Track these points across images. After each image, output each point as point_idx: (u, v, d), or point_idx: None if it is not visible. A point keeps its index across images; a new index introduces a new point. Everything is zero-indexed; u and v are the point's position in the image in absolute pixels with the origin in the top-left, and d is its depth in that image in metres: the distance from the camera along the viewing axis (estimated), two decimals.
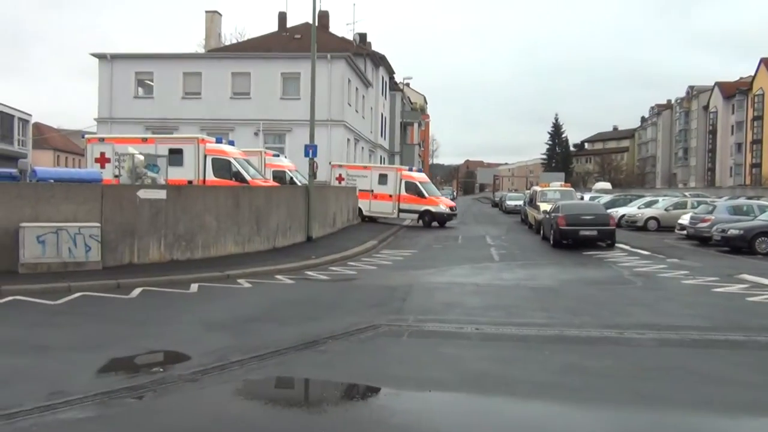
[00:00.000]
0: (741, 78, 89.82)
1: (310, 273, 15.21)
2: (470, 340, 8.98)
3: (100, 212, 14.24)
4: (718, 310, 11.23)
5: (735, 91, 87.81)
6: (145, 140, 22.84)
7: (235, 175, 21.44)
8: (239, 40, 52.92)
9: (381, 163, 51.99)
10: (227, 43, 50.23)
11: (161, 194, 15.52)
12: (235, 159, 21.93)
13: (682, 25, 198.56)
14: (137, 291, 12.06)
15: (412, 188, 31.79)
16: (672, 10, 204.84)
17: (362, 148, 43.04)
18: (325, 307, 11.22)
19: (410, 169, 35.11)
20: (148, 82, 37.50)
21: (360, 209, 31.68)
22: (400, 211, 32.10)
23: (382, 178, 32.36)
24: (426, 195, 31.81)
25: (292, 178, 26.62)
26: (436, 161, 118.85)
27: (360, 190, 31.67)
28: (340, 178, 32.16)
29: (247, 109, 35.42)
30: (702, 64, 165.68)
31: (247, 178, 21.40)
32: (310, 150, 21.35)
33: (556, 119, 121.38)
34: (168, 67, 36.61)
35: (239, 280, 13.61)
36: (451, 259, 18.62)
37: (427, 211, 31.89)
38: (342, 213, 27.69)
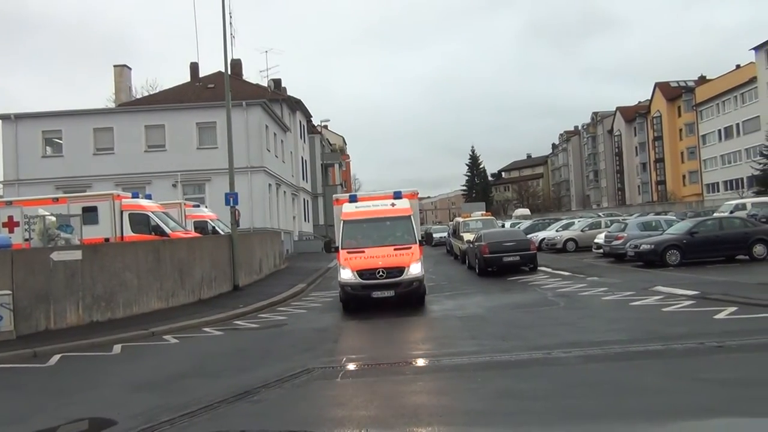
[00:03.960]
0: (639, 102, 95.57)
1: (239, 322, 14.92)
2: (404, 375, 9.03)
3: (11, 279, 13.54)
4: (636, 323, 11.74)
5: (635, 115, 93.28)
6: (56, 200, 21.99)
7: (154, 229, 20.91)
8: (151, 93, 52.10)
9: (305, 207, 51.94)
10: (138, 96, 49.35)
11: (76, 255, 14.94)
12: (153, 213, 21.41)
13: (578, 56, 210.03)
14: (56, 358, 11.48)
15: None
16: (566, 43, 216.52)
17: (284, 192, 42.88)
18: (256, 356, 11.02)
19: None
20: (57, 140, 36.24)
21: None
22: None
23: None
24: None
25: (214, 227, 26.18)
26: None
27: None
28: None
29: (163, 161, 34.72)
30: (603, 91, 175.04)
31: (167, 231, 20.91)
32: (231, 198, 21.12)
33: (473, 151, 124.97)
34: (77, 124, 35.53)
35: (165, 337, 13.19)
36: None
37: None
38: (268, 259, 27.37)
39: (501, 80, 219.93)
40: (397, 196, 17.26)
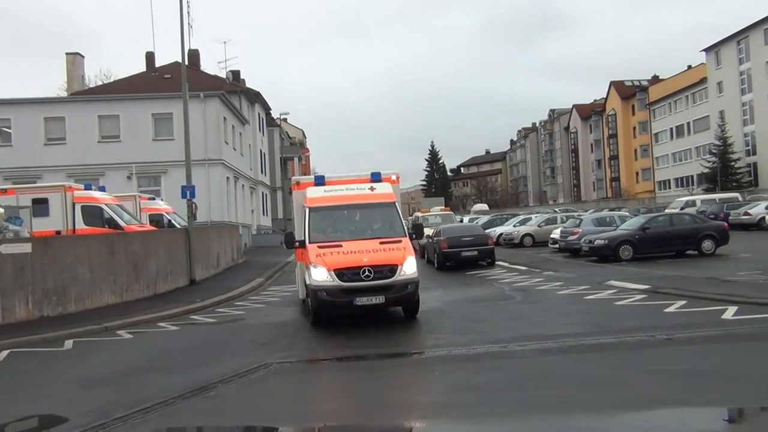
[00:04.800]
0: (595, 100, 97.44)
1: (195, 317, 14.72)
2: (362, 369, 9.04)
3: None
4: (590, 317, 11.99)
5: (591, 113, 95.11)
6: (4, 191, 21.30)
7: (108, 221, 20.44)
8: (105, 82, 50.84)
9: (264, 201, 51.46)
10: (92, 85, 48.09)
11: (26, 248, 14.50)
12: (106, 205, 20.93)
13: (536, 53, 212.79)
14: (4, 354, 11.14)
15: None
16: (525, 40, 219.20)
17: (243, 185, 42.40)
18: (213, 351, 10.88)
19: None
20: (5, 129, 35.04)
21: None
22: None
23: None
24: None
25: (170, 221, 25.73)
26: None
27: None
28: None
29: (117, 152, 33.90)
30: (560, 89, 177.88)
31: (121, 224, 20.46)
32: (188, 191, 20.77)
33: (433, 146, 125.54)
34: (26, 113, 34.41)
35: (119, 332, 12.92)
36: None
37: None
38: (226, 253, 27.04)
39: (460, 76, 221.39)
40: (376, 178, 13.49)
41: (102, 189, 22.77)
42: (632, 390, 7.22)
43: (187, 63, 22.86)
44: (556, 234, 27.77)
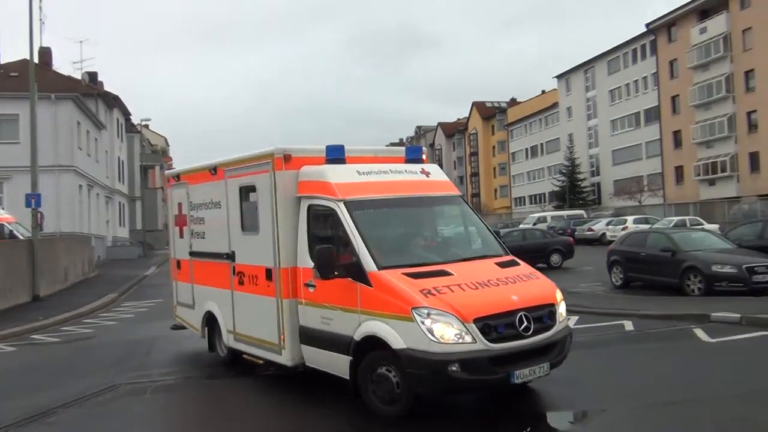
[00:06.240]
0: (459, 119, 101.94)
1: (37, 336, 13.64)
2: (218, 390, 8.77)
3: None
4: None
5: (454, 131, 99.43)
6: None
7: None
8: None
9: (121, 211, 48.82)
10: None
11: None
12: None
13: (406, 73, 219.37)
14: None
15: None
16: (396, 60, 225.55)
17: (97, 194, 39.97)
18: (55, 373, 10.12)
19: None
20: None
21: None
22: None
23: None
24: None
25: (12, 231, 23.66)
26: None
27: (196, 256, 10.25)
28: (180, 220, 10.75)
29: None
30: (428, 107, 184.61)
31: None
32: (33, 199, 19.27)
33: None
34: None
35: None
36: None
37: None
38: (76, 266, 25.32)
39: (328, 88, 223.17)
40: (416, 156, 8.50)
41: None
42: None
43: (36, 61, 21.29)
44: None
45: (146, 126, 65.98)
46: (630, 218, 37.84)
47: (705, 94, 50.78)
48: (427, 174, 8.15)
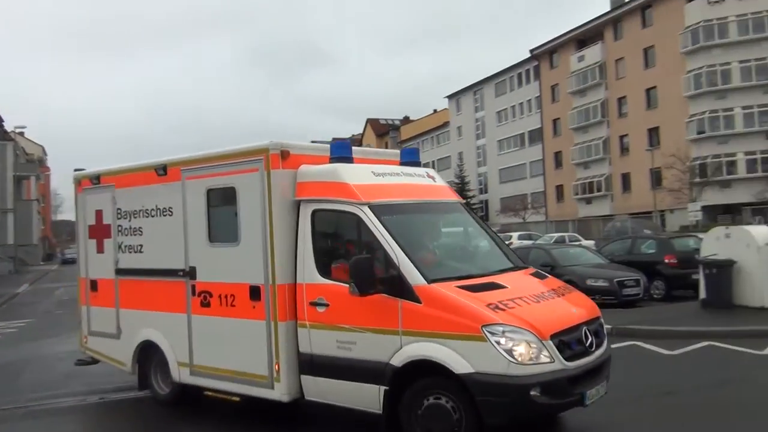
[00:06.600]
0: (353, 135, 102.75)
1: None
2: (94, 413, 8.32)
3: None
4: None
5: None
6: None
7: None
8: None
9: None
10: None
11: None
12: None
13: (301, 88, 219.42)
14: None
15: None
16: (292, 73, 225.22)
17: None
18: None
19: None
20: None
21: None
22: None
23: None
24: None
25: None
26: (61, 217, 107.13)
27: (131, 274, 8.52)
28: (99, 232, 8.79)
29: None
30: (323, 122, 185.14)
31: None
32: None
33: None
34: None
35: None
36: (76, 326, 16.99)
37: None
38: None
39: (222, 99, 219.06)
40: (412, 158, 7.81)
41: None
42: None
43: None
44: None
45: (21, 134, 62.00)
46: (515, 234, 39.48)
47: (583, 118, 54.31)
48: (433, 178, 7.53)
